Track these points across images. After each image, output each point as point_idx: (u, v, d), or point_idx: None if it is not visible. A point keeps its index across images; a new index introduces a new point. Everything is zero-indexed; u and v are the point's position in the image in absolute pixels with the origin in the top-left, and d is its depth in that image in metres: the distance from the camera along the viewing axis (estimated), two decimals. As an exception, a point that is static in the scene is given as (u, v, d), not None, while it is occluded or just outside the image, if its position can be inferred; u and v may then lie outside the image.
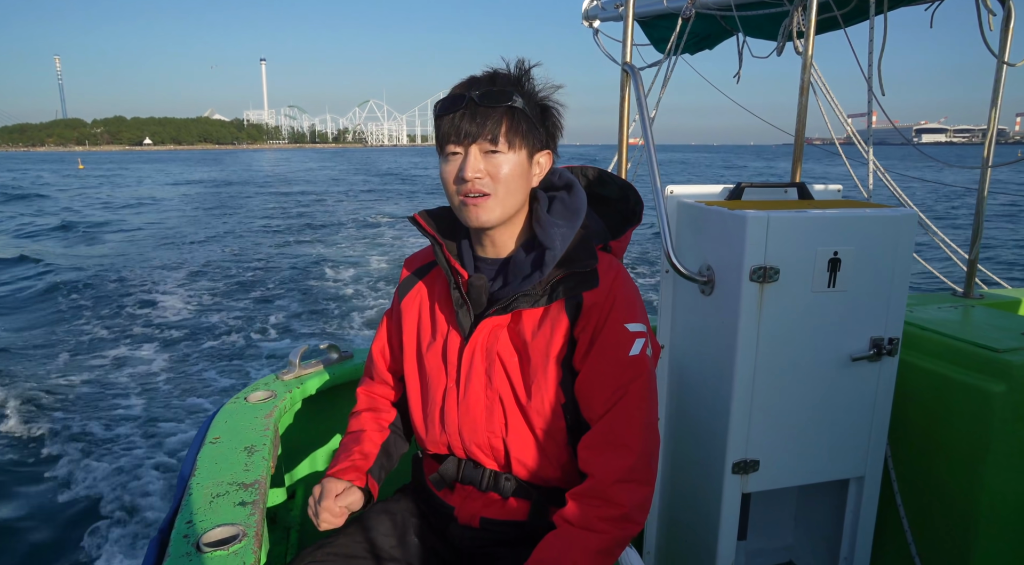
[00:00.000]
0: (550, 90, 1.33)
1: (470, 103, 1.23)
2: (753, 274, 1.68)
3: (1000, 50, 2.28)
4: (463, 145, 1.24)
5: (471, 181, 1.24)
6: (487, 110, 1.23)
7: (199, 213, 24.01)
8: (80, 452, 5.14)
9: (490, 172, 1.25)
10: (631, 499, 1.24)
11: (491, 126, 1.23)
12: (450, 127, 1.24)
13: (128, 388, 6.47)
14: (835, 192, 2.11)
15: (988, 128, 2.43)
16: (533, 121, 1.28)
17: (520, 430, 1.33)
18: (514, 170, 1.26)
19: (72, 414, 5.82)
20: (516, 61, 1.30)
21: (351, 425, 1.55)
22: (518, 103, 1.24)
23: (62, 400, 6.15)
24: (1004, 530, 1.90)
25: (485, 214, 1.26)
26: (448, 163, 1.27)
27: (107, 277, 12.12)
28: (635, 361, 1.28)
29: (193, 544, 1.13)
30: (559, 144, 1.38)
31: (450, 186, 1.28)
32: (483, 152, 1.24)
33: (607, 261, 1.34)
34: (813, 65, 2.26)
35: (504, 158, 1.25)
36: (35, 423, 5.65)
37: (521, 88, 1.28)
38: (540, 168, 1.34)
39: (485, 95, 1.23)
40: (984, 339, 1.92)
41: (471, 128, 1.23)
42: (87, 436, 5.39)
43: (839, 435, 1.88)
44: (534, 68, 1.31)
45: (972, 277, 2.55)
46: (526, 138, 1.27)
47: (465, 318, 1.35)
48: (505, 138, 1.24)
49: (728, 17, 2.92)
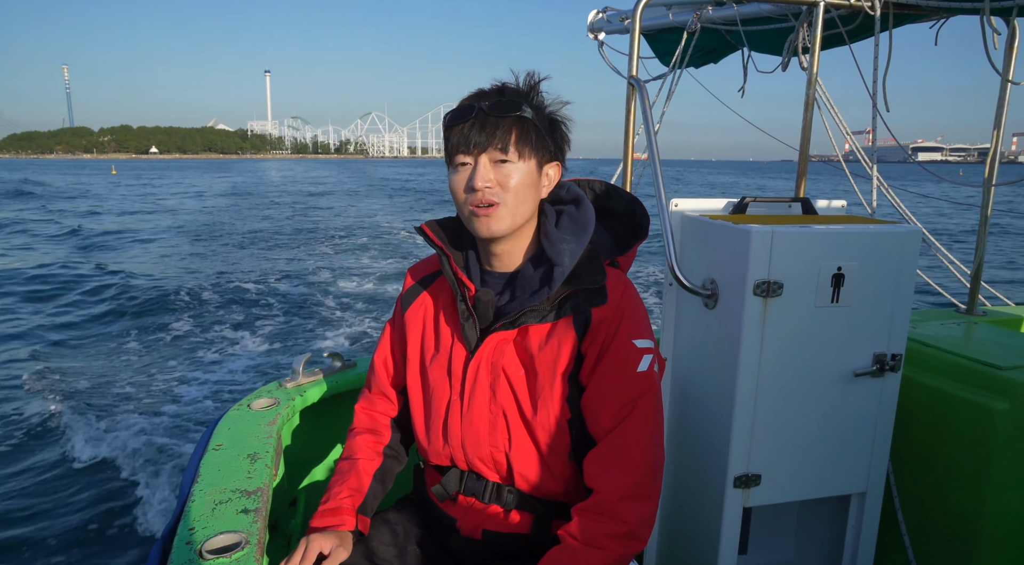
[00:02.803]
0: (558, 105, 1.33)
1: (479, 113, 1.24)
2: (757, 288, 1.69)
3: (1004, 69, 2.29)
4: (472, 155, 1.25)
5: (481, 191, 1.24)
6: (496, 120, 1.23)
7: (225, 219, 25.10)
8: (82, 456, 5.14)
9: (500, 181, 1.25)
10: (636, 516, 1.24)
11: (500, 135, 1.23)
12: (459, 137, 1.25)
13: (130, 394, 6.48)
14: (839, 208, 2.12)
15: (991, 146, 2.44)
16: (542, 132, 1.28)
17: (524, 444, 1.33)
18: (524, 180, 1.26)
19: (71, 416, 5.82)
20: (525, 74, 1.31)
21: (347, 447, 1.53)
22: (527, 113, 1.25)
23: (60, 402, 6.16)
24: (1006, 547, 1.89)
25: (495, 223, 1.26)
26: (458, 173, 1.27)
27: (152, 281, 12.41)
28: (643, 377, 1.28)
29: (196, 551, 1.14)
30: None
31: (460, 196, 1.28)
32: (493, 161, 1.25)
33: (615, 276, 1.34)
34: (818, 81, 2.28)
35: (514, 167, 1.25)
36: (34, 421, 5.65)
37: (530, 100, 1.28)
38: (549, 180, 1.33)
39: (495, 105, 1.24)
40: (987, 356, 1.92)
41: (480, 138, 1.23)
42: (88, 439, 5.38)
43: (841, 450, 1.88)
44: (543, 82, 1.31)
45: (975, 294, 2.55)
46: (535, 148, 1.27)
47: (471, 331, 1.34)
48: (515, 147, 1.24)
49: (733, 32, 2.94)
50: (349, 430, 1.56)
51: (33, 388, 6.60)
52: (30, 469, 4.98)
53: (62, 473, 4.92)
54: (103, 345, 8.24)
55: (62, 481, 4.80)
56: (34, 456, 5.19)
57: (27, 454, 5.22)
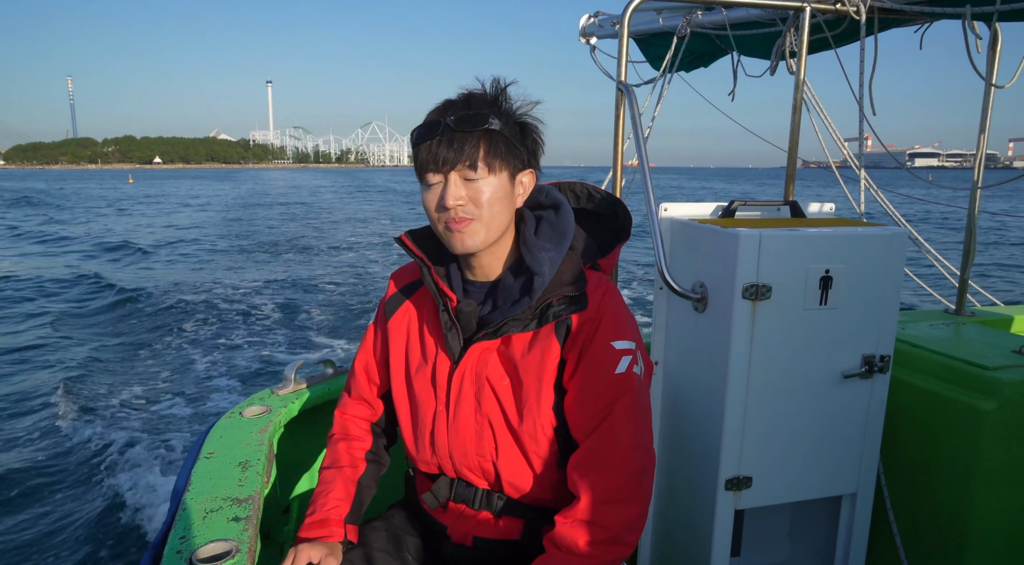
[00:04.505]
0: (528, 107, 1.30)
1: (446, 129, 1.21)
2: (746, 291, 1.70)
3: (987, 73, 2.32)
4: (442, 172, 1.23)
5: (453, 208, 1.22)
6: (464, 135, 1.21)
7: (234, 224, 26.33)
8: (72, 463, 5.11)
9: (472, 198, 1.23)
10: (618, 521, 1.22)
11: (469, 151, 1.21)
12: (428, 155, 1.22)
13: (122, 401, 6.45)
14: (828, 211, 2.13)
15: (977, 150, 2.46)
16: (512, 141, 1.25)
17: (511, 453, 1.32)
18: (496, 193, 1.24)
19: (63, 427, 5.79)
20: (491, 80, 1.29)
21: (328, 454, 1.51)
22: (495, 125, 1.22)
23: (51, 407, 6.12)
24: (995, 545, 1.91)
25: (469, 239, 1.25)
26: (429, 191, 1.25)
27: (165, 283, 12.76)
28: (621, 379, 1.26)
29: (186, 560, 1.13)
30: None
31: (432, 214, 1.27)
32: (463, 178, 1.23)
33: (596, 279, 1.33)
34: (806, 84, 2.29)
35: (485, 183, 1.23)
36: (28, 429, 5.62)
37: (498, 108, 1.26)
38: (524, 188, 1.31)
39: (460, 120, 1.21)
40: (975, 357, 1.94)
41: (448, 154, 1.21)
42: (80, 448, 5.36)
43: (832, 452, 1.89)
44: (510, 86, 1.29)
45: (963, 295, 2.57)
46: (506, 160, 1.24)
47: (454, 342, 1.34)
48: (484, 162, 1.22)
49: (723, 36, 2.96)
50: (329, 436, 1.55)
51: (25, 390, 6.57)
52: (19, 477, 4.95)
53: (52, 481, 4.89)
54: (99, 349, 8.20)
55: (52, 489, 4.77)
56: (24, 463, 5.15)
57: (16, 460, 5.18)
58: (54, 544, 4.08)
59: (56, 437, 5.60)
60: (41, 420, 5.96)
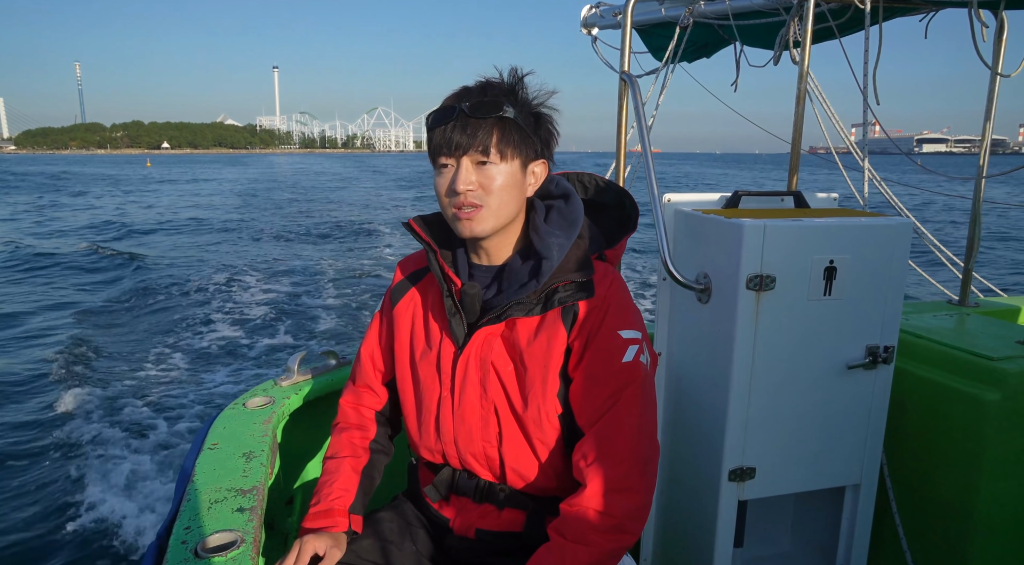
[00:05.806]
0: (544, 97, 1.32)
1: (460, 114, 1.23)
2: (750, 282, 1.69)
3: (993, 62, 2.30)
4: (454, 157, 1.24)
5: (463, 194, 1.24)
6: (478, 121, 1.22)
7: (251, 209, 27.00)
8: (78, 455, 5.13)
9: (482, 184, 1.24)
10: (623, 509, 1.22)
11: (482, 137, 1.22)
12: (441, 139, 1.24)
13: (126, 390, 6.46)
14: (831, 201, 2.12)
15: (983, 138, 2.44)
16: (526, 131, 1.27)
17: (515, 440, 1.32)
18: (507, 181, 1.25)
19: (68, 416, 5.81)
20: (509, 69, 1.30)
21: (333, 444, 1.52)
22: (509, 113, 1.23)
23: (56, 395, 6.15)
24: (999, 537, 1.91)
25: (478, 225, 1.26)
26: (441, 175, 1.27)
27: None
28: (627, 368, 1.27)
29: (191, 550, 1.14)
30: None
31: (443, 198, 1.28)
32: (475, 164, 1.24)
33: (602, 269, 1.34)
34: (810, 74, 2.28)
35: (496, 169, 1.24)
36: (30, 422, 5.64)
37: (514, 97, 1.27)
38: (535, 177, 1.33)
39: (475, 106, 1.23)
40: (979, 347, 1.93)
41: (461, 139, 1.22)
42: (85, 438, 5.37)
43: (835, 442, 1.89)
44: (528, 76, 1.30)
45: (967, 285, 2.56)
46: (518, 148, 1.26)
47: (458, 327, 1.34)
48: (496, 149, 1.23)
49: (725, 26, 2.94)
50: (334, 425, 1.55)
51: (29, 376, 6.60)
52: (22, 466, 4.97)
53: (54, 471, 4.91)
54: (100, 338, 8.21)
55: (56, 481, 4.79)
56: (26, 454, 5.17)
57: (18, 449, 5.20)
58: (58, 536, 4.10)
59: (58, 426, 5.62)
60: (43, 408, 5.98)
